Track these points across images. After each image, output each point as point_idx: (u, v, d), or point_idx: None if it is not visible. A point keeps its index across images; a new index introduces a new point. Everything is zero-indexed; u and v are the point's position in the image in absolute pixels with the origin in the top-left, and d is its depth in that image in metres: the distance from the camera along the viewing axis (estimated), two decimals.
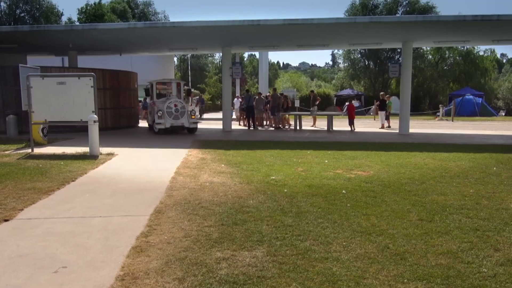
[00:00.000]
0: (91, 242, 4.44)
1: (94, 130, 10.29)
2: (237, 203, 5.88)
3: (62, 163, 9.09)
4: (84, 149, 10.77)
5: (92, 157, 9.93)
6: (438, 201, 6.02)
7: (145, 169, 8.64)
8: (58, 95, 10.74)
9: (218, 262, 3.88)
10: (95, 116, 10.45)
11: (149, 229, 4.80)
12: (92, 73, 10.97)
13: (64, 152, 10.69)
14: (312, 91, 23.02)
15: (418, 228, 4.85)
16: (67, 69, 17.99)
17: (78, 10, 43.82)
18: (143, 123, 20.32)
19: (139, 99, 21.97)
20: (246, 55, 73.76)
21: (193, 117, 16.41)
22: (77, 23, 42.38)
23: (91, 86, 10.63)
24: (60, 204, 5.89)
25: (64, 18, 47.62)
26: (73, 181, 7.40)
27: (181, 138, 14.55)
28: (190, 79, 48.16)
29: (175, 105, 15.84)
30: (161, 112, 15.65)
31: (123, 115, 18.82)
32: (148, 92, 17.44)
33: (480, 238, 4.53)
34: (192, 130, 16.41)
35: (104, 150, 10.79)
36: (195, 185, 7.03)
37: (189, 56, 53.52)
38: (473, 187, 6.95)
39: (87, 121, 10.42)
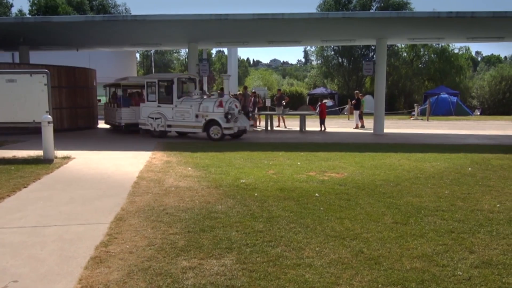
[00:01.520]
0: (45, 253, 4.33)
1: (48, 132, 10.01)
2: (204, 208, 5.86)
3: (13, 167, 8.82)
4: (38, 153, 10.47)
5: (46, 161, 9.67)
6: (413, 203, 6.18)
7: (105, 173, 8.49)
8: (8, 93, 10.41)
9: (184, 271, 3.86)
10: (49, 116, 10.18)
11: (109, 238, 4.73)
12: (46, 70, 10.69)
13: (14, 156, 10.37)
14: (279, 90, 23.19)
15: (392, 231, 4.97)
16: (18, 66, 17.48)
17: (29, 1, 42.62)
18: (103, 124, 19.91)
19: (98, 98, 21.53)
20: (214, 51, 73.56)
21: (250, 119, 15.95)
22: (29, 16, 41.21)
23: (45, 84, 10.35)
24: (10, 213, 5.71)
25: (14, 10, 46.28)
26: (25, 187, 7.19)
27: (144, 140, 14.37)
28: None
29: (236, 106, 14.72)
30: (230, 115, 14.25)
31: (80, 116, 18.42)
32: (151, 89, 15.76)
33: (455, 240, 4.69)
34: (242, 133, 15.30)
35: (60, 153, 10.53)
36: (159, 190, 6.96)
37: (152, 52, 52.94)
38: (448, 188, 7.18)
39: (40, 122, 10.14)
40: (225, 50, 49.28)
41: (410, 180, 7.77)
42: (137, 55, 50.43)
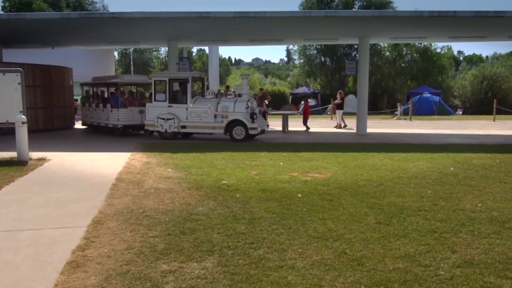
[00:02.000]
0: (19, 258, 4.26)
1: (22, 133, 9.83)
2: (185, 210, 5.83)
3: None
4: (11, 154, 10.28)
5: (20, 163, 9.50)
6: (396, 203, 6.26)
7: (82, 175, 8.38)
8: None
9: (164, 275, 3.84)
10: (24, 117, 9.99)
11: (86, 242, 4.67)
12: (20, 68, 10.50)
13: None
14: (261, 89, 23.19)
15: (375, 231, 5.02)
16: None
17: None
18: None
19: (75, 97, 21.24)
20: (194, 49, 73.33)
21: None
22: (1, 12, 40.43)
23: (19, 83, 10.17)
24: None
25: None
26: None
27: (123, 141, 14.24)
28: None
29: (255, 106, 14.67)
30: (255, 115, 14.18)
31: (56, 116, 18.13)
32: (159, 88, 15.38)
33: (437, 240, 4.76)
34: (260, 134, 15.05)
35: (35, 154, 10.35)
36: (138, 192, 6.91)
37: (131, 50, 52.47)
38: (431, 188, 7.29)
39: (14, 123, 9.96)
40: (206, 48, 49.15)
41: (393, 180, 7.86)
42: (115, 53, 49.97)
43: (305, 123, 19.09)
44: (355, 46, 39.72)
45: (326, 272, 3.93)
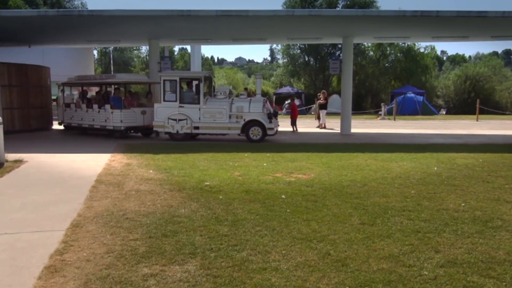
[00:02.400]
0: None
1: None
2: (167, 212, 5.80)
3: None
4: None
5: None
6: (380, 204, 6.32)
7: (61, 177, 8.28)
8: None
9: (145, 279, 3.81)
10: None
11: (65, 245, 4.61)
12: None
13: None
14: (245, 89, 23.23)
15: (360, 232, 5.06)
16: None
17: None
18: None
19: (53, 97, 20.93)
20: (176, 48, 72.95)
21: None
22: None
23: None
24: None
25: None
26: None
27: (103, 142, 14.10)
28: None
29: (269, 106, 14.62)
30: (273, 115, 14.33)
31: (33, 116, 17.84)
32: (169, 88, 14.90)
33: (421, 240, 4.82)
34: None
35: (11, 156, 10.18)
36: (119, 194, 6.85)
37: (111, 49, 51.96)
38: (415, 187, 7.38)
39: None
40: (188, 47, 48.97)
41: (377, 181, 7.94)
42: (95, 52, 49.44)
43: (293, 123, 19.04)
44: (339, 46, 40.00)
45: (310, 273, 3.95)
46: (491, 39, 19.37)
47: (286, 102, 34.25)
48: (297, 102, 34.59)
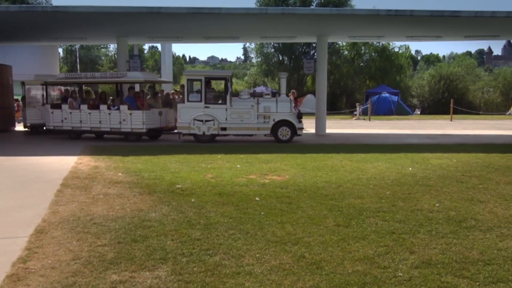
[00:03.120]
0: None
1: None
2: (136, 217, 5.74)
3: None
4: None
5: None
6: (355, 205, 6.40)
7: (24, 181, 8.10)
8: None
9: (113, 286, 3.76)
10: None
11: (28, 252, 4.51)
12: None
13: None
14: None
15: (334, 234, 5.12)
16: None
17: None
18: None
19: (16, 97, 20.44)
20: (146, 47, 72.25)
21: None
22: None
23: None
24: None
25: None
26: None
27: (69, 144, 13.84)
28: None
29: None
30: (301, 115, 14.65)
31: None
32: (193, 88, 14.66)
33: (396, 241, 4.91)
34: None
35: None
36: (86, 198, 6.74)
37: (77, 47, 51.06)
38: (390, 188, 7.50)
39: None
40: (159, 45, 48.52)
41: (352, 182, 8.04)
42: (60, 50, 48.48)
43: None
44: (314, 45, 40.33)
45: (285, 277, 3.97)
46: (464, 39, 19.89)
47: None
48: None
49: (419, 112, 37.44)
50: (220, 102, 14.44)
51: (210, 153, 11.47)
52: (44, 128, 16.16)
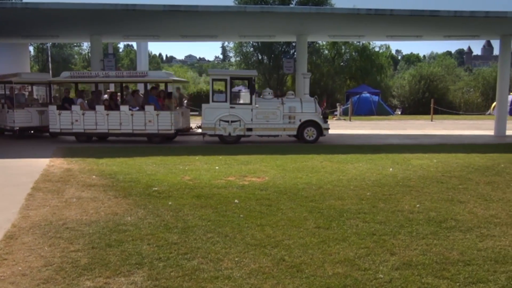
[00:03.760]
0: None
1: None
2: (111, 221, 5.69)
3: None
4: None
5: None
6: (336, 206, 6.45)
7: None
8: None
9: None
10: None
11: None
12: None
13: None
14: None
15: (315, 236, 5.15)
16: None
17: None
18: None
19: None
20: (121, 45, 71.56)
21: None
22: None
23: None
24: None
25: None
26: None
27: (41, 145, 13.61)
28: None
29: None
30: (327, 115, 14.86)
31: None
32: (218, 88, 14.59)
33: (376, 242, 4.97)
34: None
35: None
36: (58, 202, 6.65)
37: (49, 45, 50.28)
38: (370, 189, 7.58)
39: None
40: (134, 44, 48.11)
41: (332, 183, 8.10)
42: (31, 48, 47.68)
43: None
44: (293, 44, 40.51)
45: (264, 280, 3.98)
46: (444, 39, 20.23)
47: None
48: None
49: (399, 112, 37.91)
50: (246, 102, 14.52)
51: (187, 155, 11.41)
52: (49, 131, 15.12)
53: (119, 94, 16.57)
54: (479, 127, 21.65)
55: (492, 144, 14.62)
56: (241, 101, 14.61)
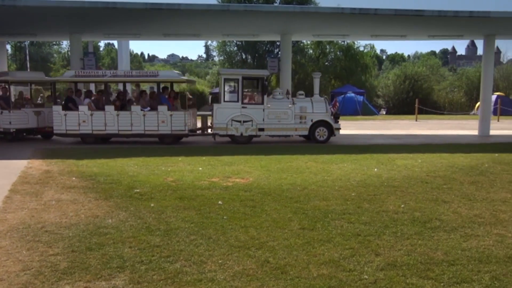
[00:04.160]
0: None
1: None
2: (92, 223, 5.64)
3: None
4: None
5: None
6: (320, 207, 6.48)
7: None
8: None
9: None
10: None
11: None
12: None
13: None
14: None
15: (299, 237, 5.17)
16: None
17: None
18: None
19: None
20: (102, 44, 71.02)
21: None
22: None
23: None
24: None
25: None
26: None
27: (19, 147, 13.42)
28: None
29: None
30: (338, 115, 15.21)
31: None
32: (230, 87, 14.55)
33: (361, 243, 5.00)
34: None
35: None
36: (37, 204, 6.57)
37: (26, 43, 49.66)
38: (355, 190, 7.64)
39: None
40: (115, 43, 47.76)
41: (317, 183, 8.14)
42: (8, 46, 47.04)
43: None
44: (277, 43, 40.62)
45: (248, 283, 3.99)
46: (428, 38, 20.45)
47: None
48: None
49: (384, 112, 38.25)
50: (258, 102, 14.64)
51: (170, 156, 11.37)
52: (54, 132, 14.70)
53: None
54: (463, 127, 21.96)
55: (476, 144, 14.83)
56: (253, 101, 14.75)
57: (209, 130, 15.67)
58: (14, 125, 14.88)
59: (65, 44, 57.35)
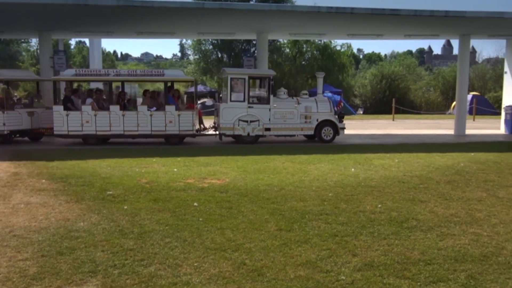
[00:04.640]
0: None
1: None
2: (62, 227, 5.56)
3: None
4: None
5: None
6: (298, 208, 6.52)
7: None
8: None
9: None
10: None
11: None
12: None
13: None
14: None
15: (276, 239, 5.19)
16: None
17: None
18: None
19: None
20: (72, 42, 69.89)
21: None
22: None
23: None
24: None
25: None
26: None
27: None
28: None
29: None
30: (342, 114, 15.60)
31: None
32: (236, 87, 14.39)
33: (338, 244, 5.05)
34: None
35: None
36: (4, 208, 6.44)
37: None
38: (332, 190, 7.70)
39: None
40: (87, 40, 47.11)
41: (294, 184, 8.17)
42: None
43: (201, 122, 18.92)
44: (254, 42, 40.66)
45: (225, 286, 3.98)
46: (405, 38, 20.77)
47: (199, 102, 34.05)
48: (210, 102, 34.65)
49: (361, 112, 38.64)
50: (264, 102, 14.77)
51: (144, 157, 11.27)
52: (54, 133, 14.16)
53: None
54: (439, 127, 22.34)
55: (452, 143, 15.11)
56: (259, 101, 14.89)
57: (211, 131, 15.68)
58: (8, 126, 14.28)
59: (34, 41, 56.31)
